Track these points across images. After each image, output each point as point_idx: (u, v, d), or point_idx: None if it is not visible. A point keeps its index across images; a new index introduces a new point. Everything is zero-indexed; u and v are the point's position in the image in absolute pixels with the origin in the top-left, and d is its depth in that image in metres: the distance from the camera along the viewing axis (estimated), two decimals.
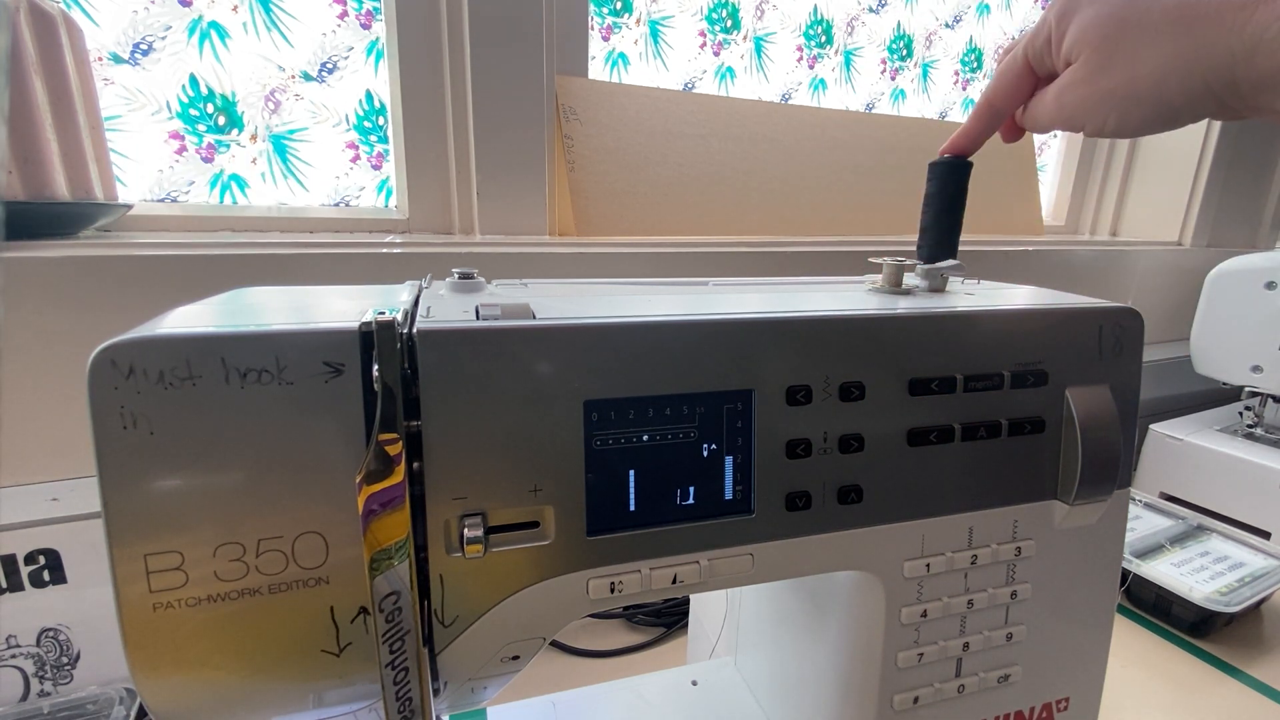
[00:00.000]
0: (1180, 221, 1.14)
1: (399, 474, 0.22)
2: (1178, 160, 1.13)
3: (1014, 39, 0.37)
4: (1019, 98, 0.36)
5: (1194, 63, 0.28)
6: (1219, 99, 0.29)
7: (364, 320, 0.22)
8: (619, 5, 0.81)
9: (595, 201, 0.73)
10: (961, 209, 0.39)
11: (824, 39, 0.95)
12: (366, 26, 0.70)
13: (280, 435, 0.22)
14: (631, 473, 0.27)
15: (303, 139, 0.70)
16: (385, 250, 0.60)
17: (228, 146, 0.67)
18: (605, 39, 0.82)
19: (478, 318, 0.25)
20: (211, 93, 0.65)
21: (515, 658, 0.27)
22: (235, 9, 0.64)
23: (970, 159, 0.39)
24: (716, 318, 0.27)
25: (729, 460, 0.28)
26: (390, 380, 0.22)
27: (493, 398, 0.24)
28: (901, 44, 1.01)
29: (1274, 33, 0.26)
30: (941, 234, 0.38)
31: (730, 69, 0.90)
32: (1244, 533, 0.69)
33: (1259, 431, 0.88)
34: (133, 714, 0.44)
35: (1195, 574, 0.62)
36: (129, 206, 0.58)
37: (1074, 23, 0.32)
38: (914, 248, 0.40)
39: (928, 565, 0.32)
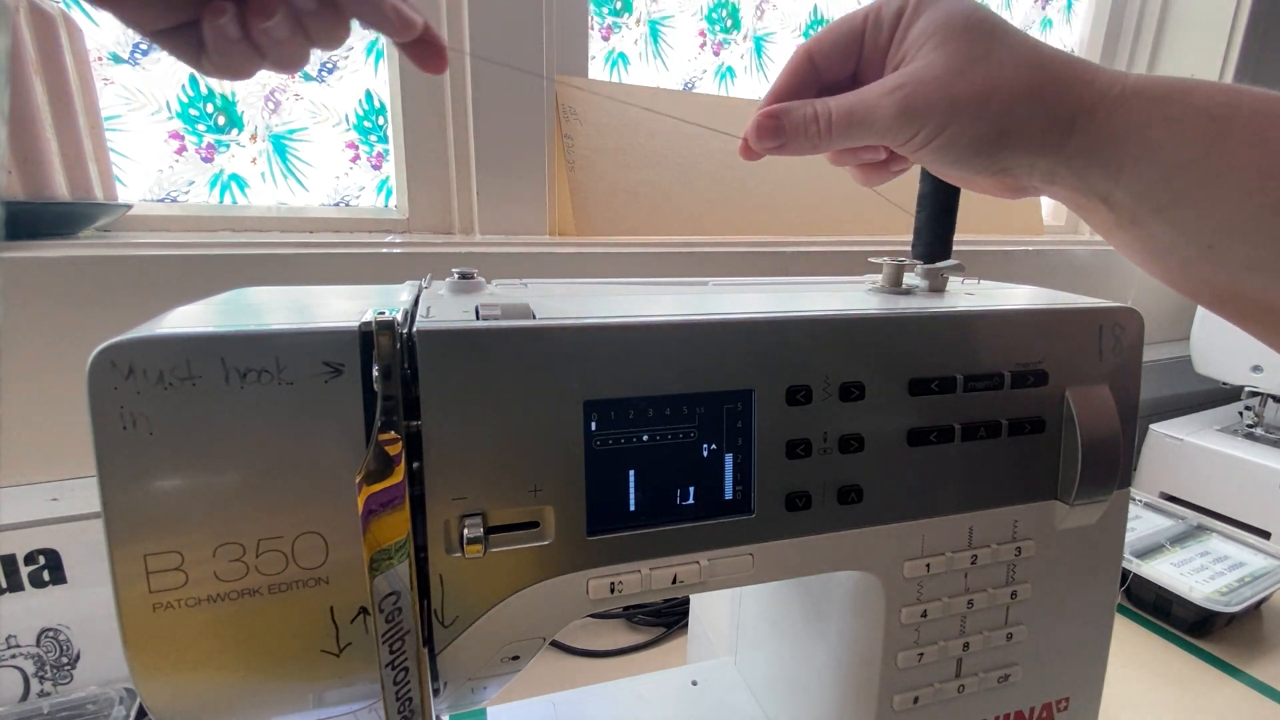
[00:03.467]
0: None
1: (399, 474, 0.22)
2: None
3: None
4: (837, 59, 0.31)
5: (1052, 94, 0.27)
6: (1060, 144, 0.27)
7: (364, 320, 0.22)
8: (619, 5, 0.81)
9: (595, 201, 0.73)
10: (954, 208, 0.39)
11: None
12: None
13: (280, 435, 0.22)
14: (631, 473, 0.27)
15: (302, 139, 0.70)
16: (385, 250, 0.60)
17: (227, 146, 0.67)
18: (605, 39, 0.82)
19: (478, 318, 0.25)
20: (211, 92, 0.65)
21: (515, 658, 0.27)
22: None
23: None
24: (716, 318, 0.27)
25: (729, 460, 0.28)
26: (390, 380, 0.22)
27: (493, 398, 0.24)
28: None
29: (1152, 95, 0.26)
30: (936, 233, 0.38)
31: (730, 69, 0.90)
32: (1244, 533, 0.69)
33: (1259, 431, 0.88)
34: (133, 714, 0.44)
35: (1195, 574, 0.62)
36: (129, 206, 0.58)
37: (936, 9, 0.28)
38: (909, 247, 0.40)
39: (928, 565, 0.32)
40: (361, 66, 0.70)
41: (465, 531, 0.24)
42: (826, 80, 0.32)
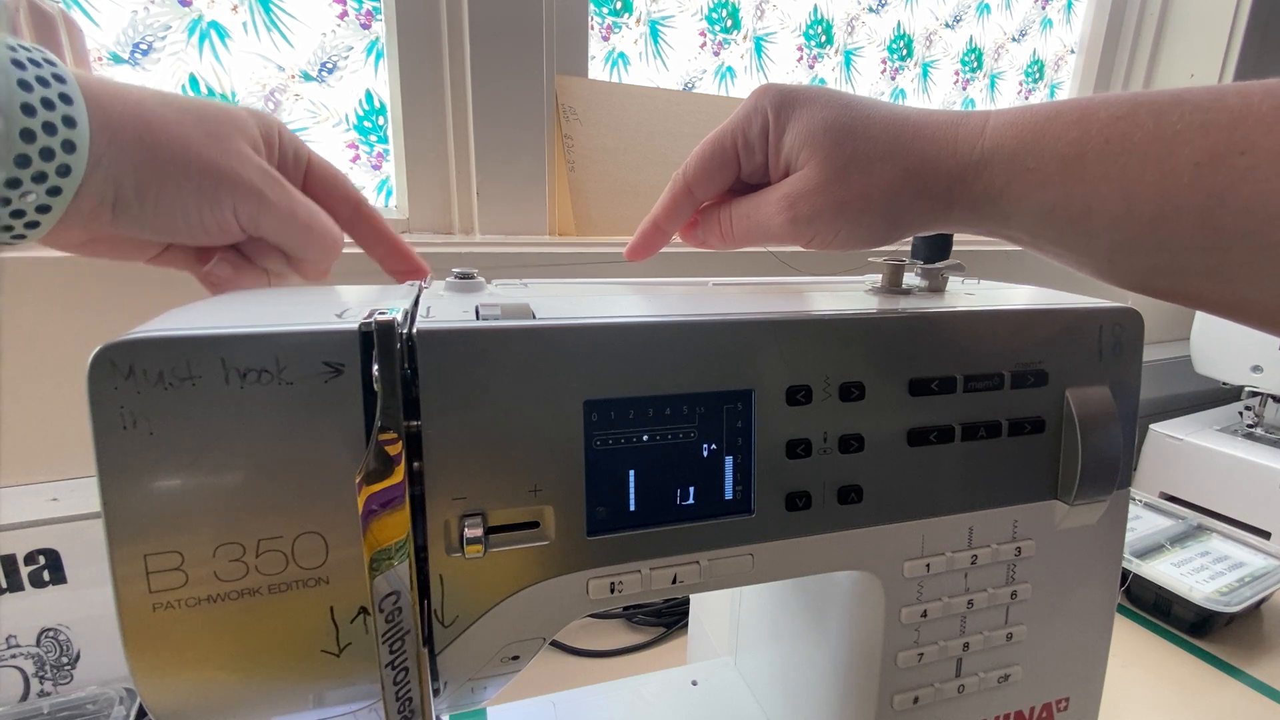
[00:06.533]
0: None
1: (399, 474, 0.22)
2: None
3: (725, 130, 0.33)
4: (717, 186, 0.34)
5: (924, 176, 0.28)
6: (946, 213, 0.29)
7: (364, 320, 0.22)
8: (619, 5, 0.81)
9: (595, 201, 0.73)
10: None
11: (824, 39, 0.95)
12: (366, 26, 0.70)
13: (280, 435, 0.22)
14: (631, 473, 0.27)
15: (303, 139, 0.70)
16: None
17: None
18: (605, 39, 0.82)
19: (478, 318, 0.25)
20: (211, 92, 0.65)
21: (515, 658, 0.27)
22: (235, 9, 0.64)
23: None
24: (716, 318, 0.27)
25: (729, 460, 0.28)
26: (390, 380, 0.22)
27: (493, 397, 0.24)
28: (901, 44, 1.01)
29: (1008, 151, 0.27)
30: (935, 233, 0.38)
31: (730, 69, 0.90)
32: (1244, 533, 0.69)
33: (1259, 431, 0.88)
34: (133, 714, 0.44)
35: (1195, 574, 0.62)
36: None
37: (797, 120, 0.30)
38: (910, 247, 0.40)
39: (928, 565, 0.32)
40: (361, 67, 0.70)
41: (465, 531, 0.24)
42: (703, 202, 0.35)
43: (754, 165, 0.32)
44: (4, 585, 0.45)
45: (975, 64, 1.08)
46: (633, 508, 0.27)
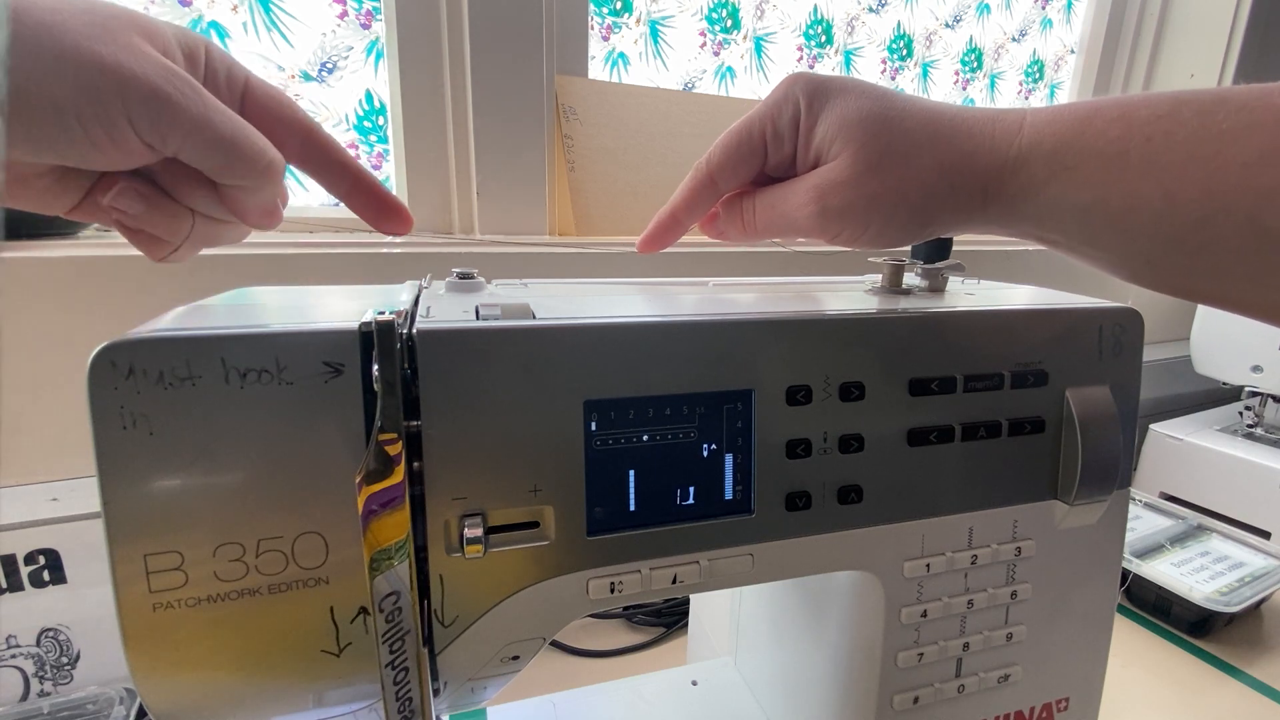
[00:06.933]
0: None
1: (399, 474, 0.22)
2: None
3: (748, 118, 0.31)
4: (742, 177, 0.32)
5: (961, 173, 0.28)
6: (980, 212, 0.28)
7: (364, 320, 0.22)
8: (619, 5, 0.81)
9: (595, 201, 0.73)
10: None
11: (824, 39, 0.95)
12: (366, 26, 0.70)
13: (280, 435, 0.22)
14: (631, 473, 0.27)
15: None
16: (385, 250, 0.60)
17: None
18: (605, 39, 0.82)
19: (477, 318, 0.25)
20: None
21: (515, 658, 0.27)
22: (235, 9, 0.64)
23: None
24: (716, 318, 0.27)
25: (729, 460, 0.28)
26: (390, 380, 0.22)
27: (493, 397, 0.24)
28: (901, 44, 1.01)
29: (1047, 149, 0.26)
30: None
31: (730, 69, 0.90)
32: (1244, 533, 0.69)
33: (1259, 431, 0.88)
34: (133, 714, 0.44)
35: (1195, 574, 0.62)
36: None
37: (831, 110, 0.29)
38: (910, 247, 0.40)
39: (928, 565, 0.32)
40: (361, 67, 0.70)
41: (465, 531, 0.24)
42: (725, 194, 0.34)
43: (781, 156, 0.31)
44: (4, 585, 0.45)
45: (975, 64, 1.08)
46: (633, 508, 0.27)
